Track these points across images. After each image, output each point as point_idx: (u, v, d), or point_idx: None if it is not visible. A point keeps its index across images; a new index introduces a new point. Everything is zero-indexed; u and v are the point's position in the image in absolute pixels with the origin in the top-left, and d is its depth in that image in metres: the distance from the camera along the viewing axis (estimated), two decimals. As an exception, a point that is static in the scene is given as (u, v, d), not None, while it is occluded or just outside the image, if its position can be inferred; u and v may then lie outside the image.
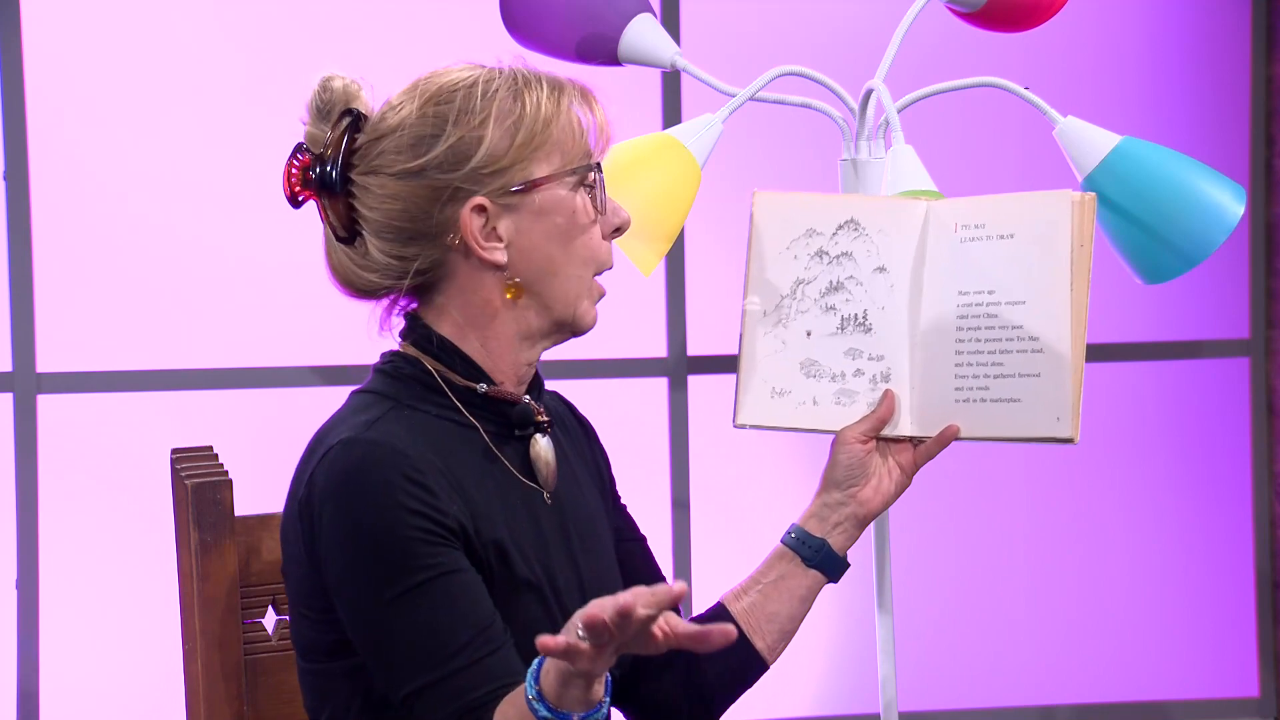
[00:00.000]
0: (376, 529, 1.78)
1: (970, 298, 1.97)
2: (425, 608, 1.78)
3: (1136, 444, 4.42)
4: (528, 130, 1.86)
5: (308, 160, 1.89)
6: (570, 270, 1.89)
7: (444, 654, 1.78)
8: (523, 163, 1.86)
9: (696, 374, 4.24)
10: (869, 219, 2.01)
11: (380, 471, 1.79)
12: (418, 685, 1.78)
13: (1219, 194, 2.55)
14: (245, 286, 4.06)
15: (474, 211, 1.85)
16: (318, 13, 4.08)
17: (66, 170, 4.02)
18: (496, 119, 1.85)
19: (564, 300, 1.90)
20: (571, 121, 1.88)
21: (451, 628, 1.79)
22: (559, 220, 1.88)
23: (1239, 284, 4.41)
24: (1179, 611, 4.45)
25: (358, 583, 1.80)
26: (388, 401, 1.88)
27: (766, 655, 2.04)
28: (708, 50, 4.08)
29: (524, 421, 1.92)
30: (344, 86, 1.89)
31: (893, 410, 1.99)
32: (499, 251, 1.87)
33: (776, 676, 4.60)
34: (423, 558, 1.79)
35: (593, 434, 2.09)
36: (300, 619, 1.89)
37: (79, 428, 4.04)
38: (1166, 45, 4.39)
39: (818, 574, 2.02)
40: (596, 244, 1.91)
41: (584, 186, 1.89)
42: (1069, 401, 1.92)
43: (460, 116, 1.85)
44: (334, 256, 1.92)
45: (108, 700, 4.06)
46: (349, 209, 1.89)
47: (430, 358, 1.89)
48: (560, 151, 1.88)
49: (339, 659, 1.86)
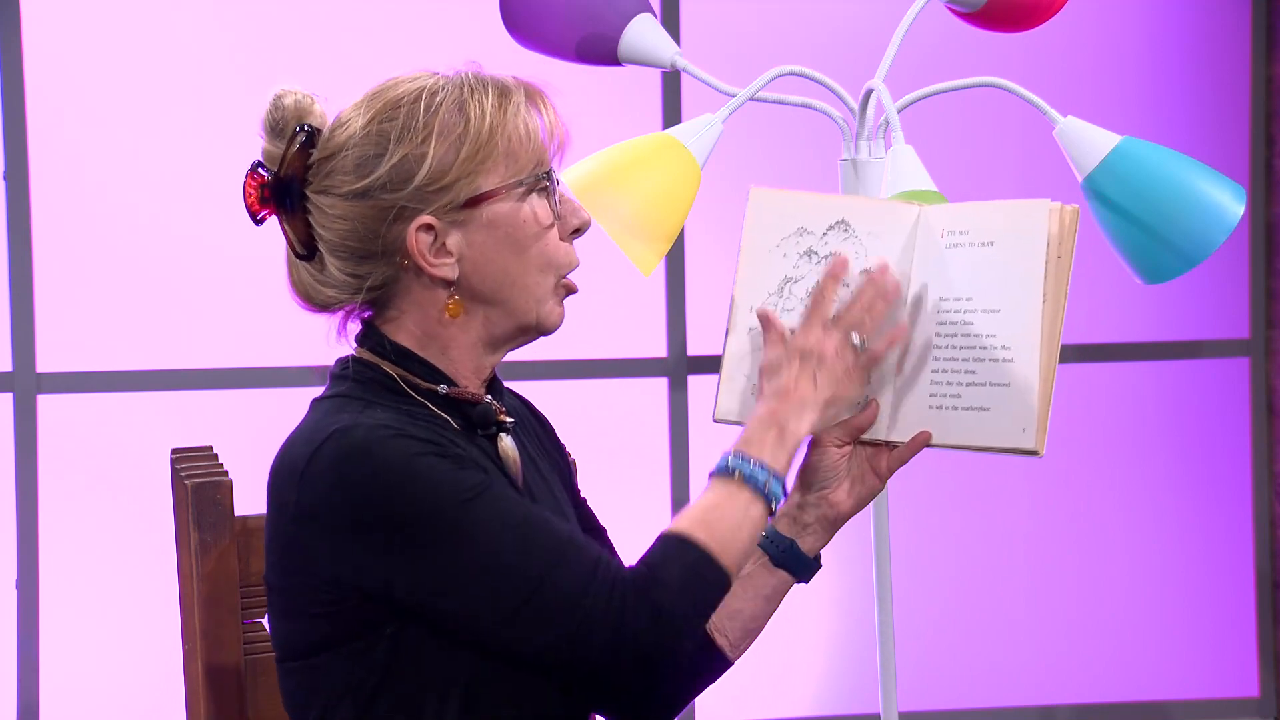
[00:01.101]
0: (411, 488, 1.77)
1: (950, 304, 1.96)
2: (493, 521, 1.77)
3: (1136, 444, 4.42)
4: (472, 144, 1.85)
5: (264, 178, 1.90)
6: (528, 278, 1.89)
7: (539, 546, 1.77)
8: (468, 176, 1.85)
9: (696, 374, 4.24)
10: (860, 221, 2.01)
11: (387, 442, 1.79)
12: (531, 590, 1.76)
13: (1219, 194, 2.55)
14: (245, 286, 4.06)
15: (421, 230, 1.85)
16: (317, 13, 4.08)
17: (66, 170, 4.02)
18: (440, 134, 1.84)
19: (524, 307, 1.89)
20: (519, 127, 1.87)
21: (527, 521, 1.78)
22: (509, 231, 1.87)
23: (1239, 284, 4.41)
24: (1179, 611, 4.45)
25: (413, 547, 1.77)
26: (358, 401, 1.87)
27: (729, 652, 2.02)
28: (708, 50, 4.08)
29: (485, 421, 1.92)
30: (295, 102, 1.89)
31: (873, 419, 1.99)
32: (448, 268, 1.87)
33: (776, 677, 4.62)
34: (461, 482, 1.78)
35: (550, 429, 2.09)
36: (289, 621, 1.88)
37: (79, 428, 4.04)
38: (1166, 45, 4.39)
39: (785, 574, 2.01)
40: (553, 248, 1.90)
41: (536, 192, 1.88)
42: (1036, 413, 1.91)
43: (403, 134, 1.84)
44: (295, 272, 1.93)
45: (108, 700, 4.06)
46: (306, 225, 1.89)
47: (389, 363, 1.90)
48: (507, 161, 1.86)
49: (331, 653, 1.85)
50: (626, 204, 2.52)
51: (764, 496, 1.85)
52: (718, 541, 1.81)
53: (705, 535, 1.82)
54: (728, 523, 1.83)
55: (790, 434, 1.88)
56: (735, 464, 1.86)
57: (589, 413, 4.20)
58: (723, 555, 1.81)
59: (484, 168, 1.86)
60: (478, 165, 1.85)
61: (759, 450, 1.86)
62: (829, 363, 1.90)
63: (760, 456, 1.86)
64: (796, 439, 1.88)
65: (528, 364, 4.09)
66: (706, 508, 1.84)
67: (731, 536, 1.83)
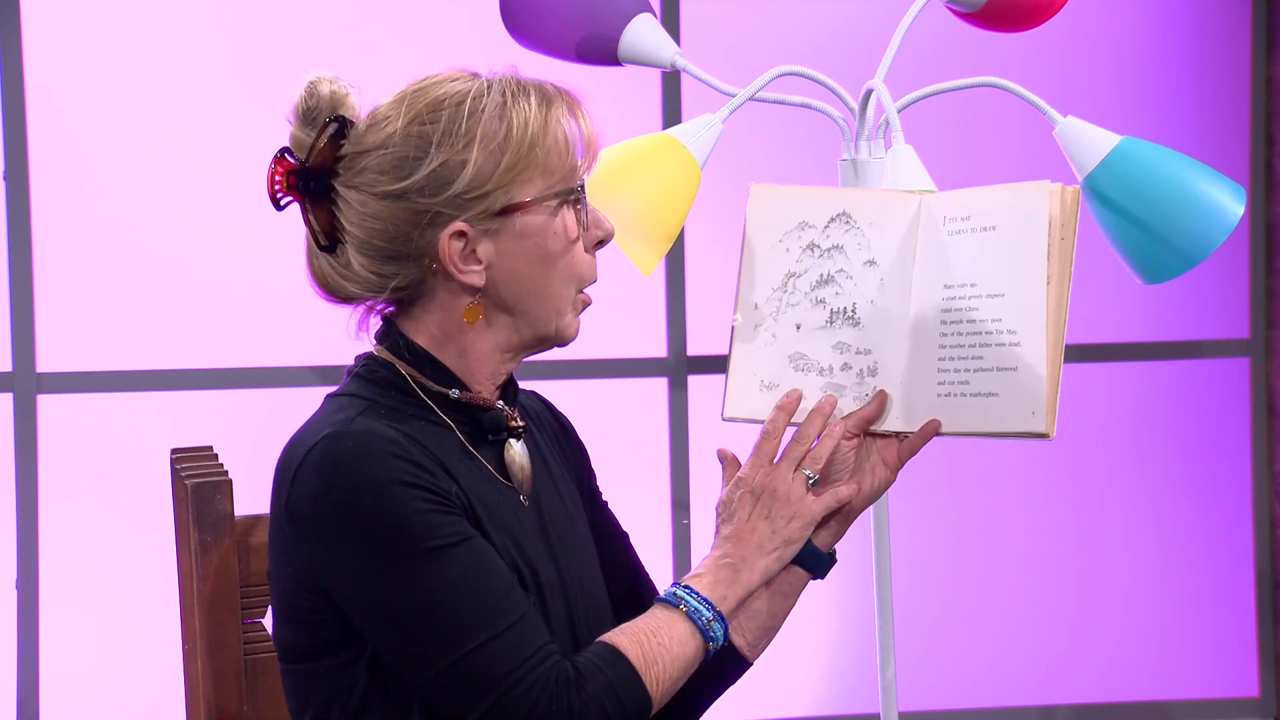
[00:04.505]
0: (382, 510, 1.77)
1: (954, 291, 1.96)
2: (453, 574, 1.77)
3: (1136, 444, 4.42)
4: (513, 154, 1.84)
5: (292, 165, 1.88)
6: (553, 289, 1.88)
7: (487, 614, 1.77)
8: (505, 186, 1.84)
9: (696, 374, 4.24)
10: (861, 212, 2.01)
11: (373, 456, 1.79)
12: (462, 653, 1.77)
13: (1219, 194, 2.55)
14: (245, 286, 4.06)
15: (454, 236, 1.84)
16: (317, 12, 4.08)
17: (66, 170, 4.02)
18: (481, 142, 1.83)
19: (545, 318, 1.89)
20: (558, 138, 1.86)
21: (487, 588, 1.78)
22: (541, 242, 1.86)
23: (1239, 284, 4.41)
24: (1179, 611, 4.45)
25: (370, 569, 1.78)
26: (363, 402, 1.87)
27: (747, 652, 2.01)
28: (708, 50, 4.08)
29: (495, 427, 1.91)
30: (331, 92, 1.87)
31: (882, 410, 1.98)
32: (477, 275, 1.86)
33: (776, 677, 4.61)
34: (436, 528, 1.78)
35: (571, 432, 2.09)
36: (284, 623, 1.89)
37: (79, 428, 4.04)
38: (1166, 45, 4.39)
39: (800, 570, 2.00)
40: (579, 261, 1.90)
41: (567, 204, 1.88)
42: (1045, 396, 1.91)
43: (444, 138, 1.83)
44: (315, 262, 1.91)
45: (108, 700, 4.06)
46: (331, 217, 1.88)
47: (404, 363, 1.89)
48: (544, 172, 1.86)
49: (321, 659, 1.85)
50: (626, 204, 2.51)
51: (703, 635, 1.86)
52: (648, 664, 1.83)
53: (638, 655, 1.83)
54: (663, 650, 1.84)
55: (743, 579, 1.89)
56: (682, 596, 1.87)
57: (589, 412, 4.18)
58: (648, 679, 1.83)
59: (521, 178, 1.85)
60: (516, 175, 1.84)
61: (710, 589, 1.88)
62: (780, 498, 1.91)
63: (709, 595, 1.87)
64: (750, 585, 1.90)
65: (528, 364, 4.08)
66: (648, 630, 1.85)
67: (664, 665, 1.84)
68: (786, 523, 1.91)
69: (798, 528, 1.91)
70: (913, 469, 2.07)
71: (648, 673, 1.82)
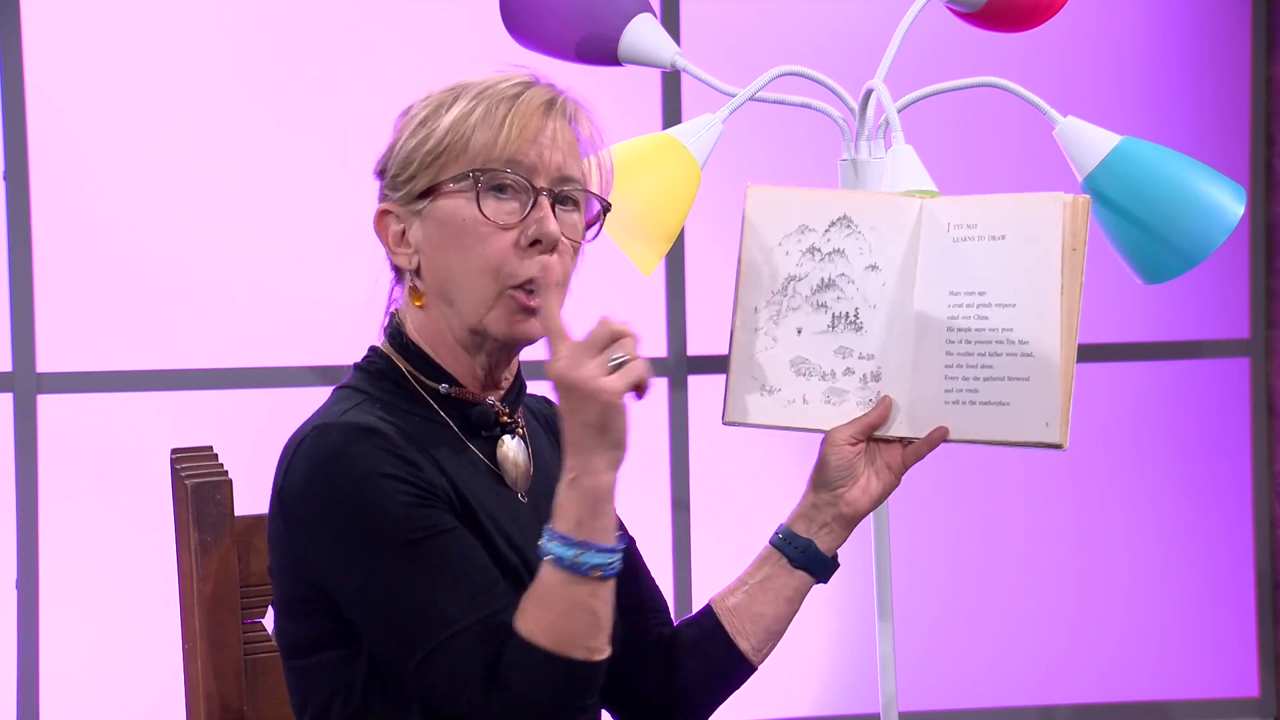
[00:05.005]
0: (364, 500, 1.78)
1: (961, 298, 1.96)
2: (432, 566, 1.77)
3: (1136, 444, 4.42)
4: (440, 138, 1.86)
5: None
6: (469, 279, 1.87)
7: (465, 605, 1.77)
8: (429, 169, 1.87)
9: (696, 374, 4.24)
10: (862, 216, 2.00)
11: (359, 448, 1.79)
12: (436, 643, 1.76)
13: (1219, 194, 2.55)
14: (245, 286, 4.06)
15: (383, 215, 1.90)
16: (318, 13, 4.08)
17: (66, 170, 4.02)
18: (418, 125, 1.88)
19: (470, 309, 1.87)
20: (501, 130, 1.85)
21: (464, 578, 1.78)
22: (455, 228, 1.86)
23: (1239, 284, 4.41)
24: (1179, 611, 4.45)
25: (353, 557, 1.79)
26: (360, 395, 1.89)
27: (751, 656, 2.01)
28: (708, 50, 4.08)
29: (485, 422, 1.92)
30: None
31: (886, 416, 1.97)
32: (405, 257, 1.90)
33: (776, 677, 4.60)
34: (416, 519, 1.78)
35: None
36: (284, 618, 1.89)
37: (79, 428, 4.04)
38: (1166, 45, 4.39)
39: (804, 574, 2.00)
40: (497, 253, 1.86)
41: (493, 192, 1.86)
42: (1058, 406, 1.91)
43: (405, 125, 1.91)
44: None
45: (108, 700, 4.06)
46: None
47: (400, 356, 1.91)
48: (474, 160, 1.86)
49: (321, 653, 1.86)
50: (626, 204, 2.51)
51: (579, 572, 1.74)
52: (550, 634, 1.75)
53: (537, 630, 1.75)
54: (555, 612, 1.75)
55: (587, 487, 1.74)
56: (545, 546, 1.76)
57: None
58: (559, 647, 1.74)
59: (452, 165, 1.86)
60: (448, 160, 1.86)
61: (564, 521, 1.75)
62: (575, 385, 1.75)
63: (566, 530, 1.75)
64: (598, 488, 1.74)
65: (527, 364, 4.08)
66: (535, 599, 1.76)
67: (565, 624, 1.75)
68: (586, 408, 1.75)
69: (595, 410, 1.74)
70: (913, 469, 2.07)
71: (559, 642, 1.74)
